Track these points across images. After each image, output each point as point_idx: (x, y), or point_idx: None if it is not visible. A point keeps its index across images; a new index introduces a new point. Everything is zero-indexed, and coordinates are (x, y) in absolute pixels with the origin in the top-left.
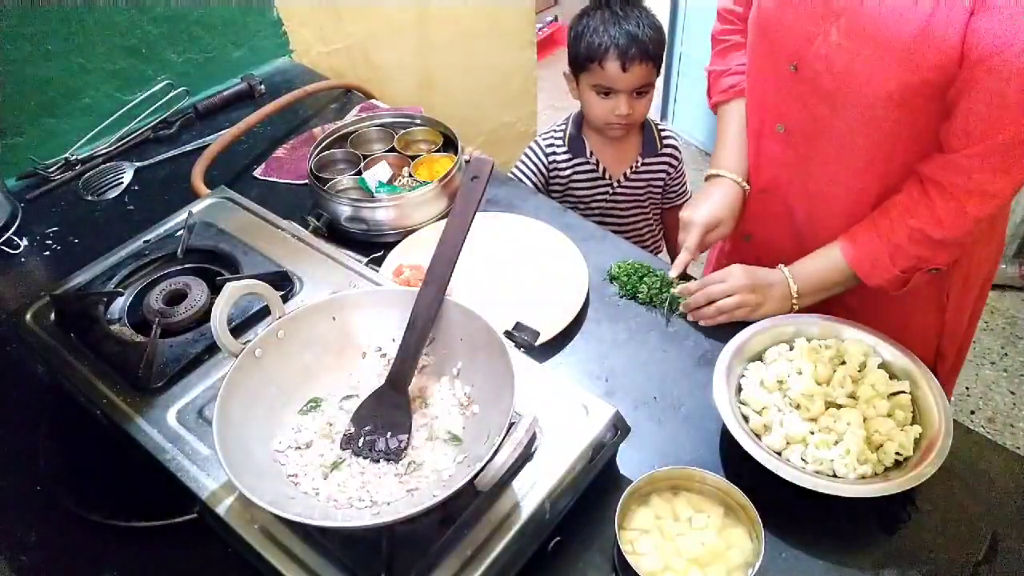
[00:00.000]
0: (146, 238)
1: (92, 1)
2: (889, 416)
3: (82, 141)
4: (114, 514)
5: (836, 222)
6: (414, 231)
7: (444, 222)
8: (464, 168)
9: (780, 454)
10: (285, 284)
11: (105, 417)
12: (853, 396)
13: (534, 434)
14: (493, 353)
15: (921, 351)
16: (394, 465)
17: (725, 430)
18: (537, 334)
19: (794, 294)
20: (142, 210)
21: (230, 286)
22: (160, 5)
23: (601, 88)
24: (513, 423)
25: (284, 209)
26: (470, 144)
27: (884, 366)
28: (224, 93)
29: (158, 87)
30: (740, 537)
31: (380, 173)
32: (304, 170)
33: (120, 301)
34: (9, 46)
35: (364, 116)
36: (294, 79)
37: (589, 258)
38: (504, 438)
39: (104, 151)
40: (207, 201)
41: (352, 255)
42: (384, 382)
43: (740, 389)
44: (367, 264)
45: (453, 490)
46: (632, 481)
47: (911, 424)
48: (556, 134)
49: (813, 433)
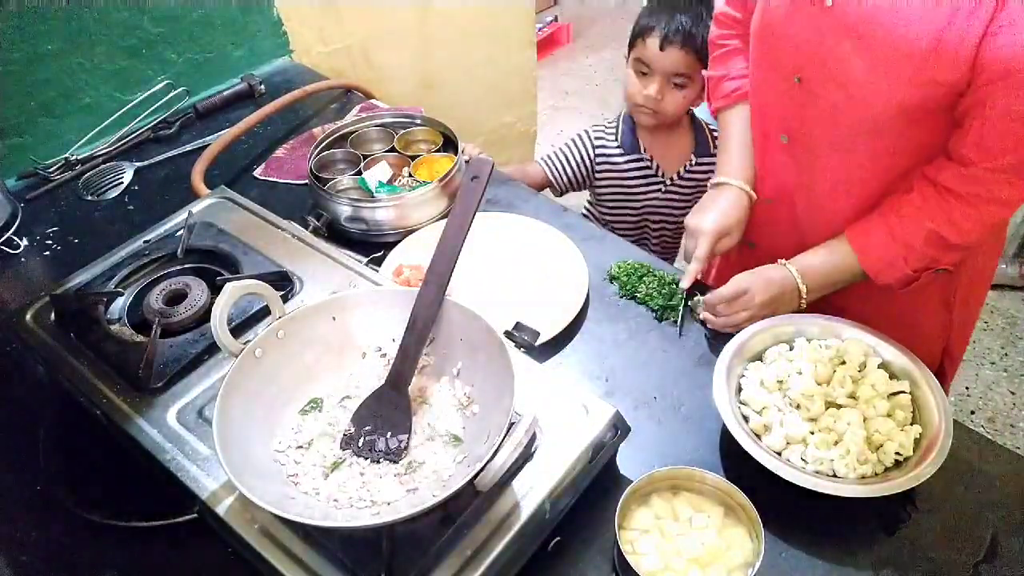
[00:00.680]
0: (146, 238)
1: (92, 1)
2: (889, 416)
3: (82, 141)
4: (114, 514)
5: (837, 231)
6: (414, 231)
7: (444, 222)
8: (464, 168)
9: (780, 454)
10: (285, 284)
11: (105, 417)
12: (853, 396)
13: (534, 434)
14: (493, 353)
15: (929, 349)
16: (394, 465)
17: (725, 430)
18: (537, 334)
19: (803, 295)
20: (142, 210)
21: (230, 286)
22: (160, 5)
23: (640, 66)
24: (513, 423)
25: (284, 209)
26: (470, 144)
27: (884, 366)
28: (224, 93)
29: (158, 87)
30: (740, 537)
31: (380, 173)
32: (304, 170)
33: (120, 301)
34: (9, 46)
35: (364, 116)
36: (294, 79)
37: (589, 258)
38: (504, 438)
39: (104, 151)
40: (207, 201)
41: (352, 255)
42: (384, 382)
43: (740, 389)
44: (367, 264)
45: (453, 490)
46: (632, 481)
47: (911, 424)
48: (608, 129)
49: (813, 433)
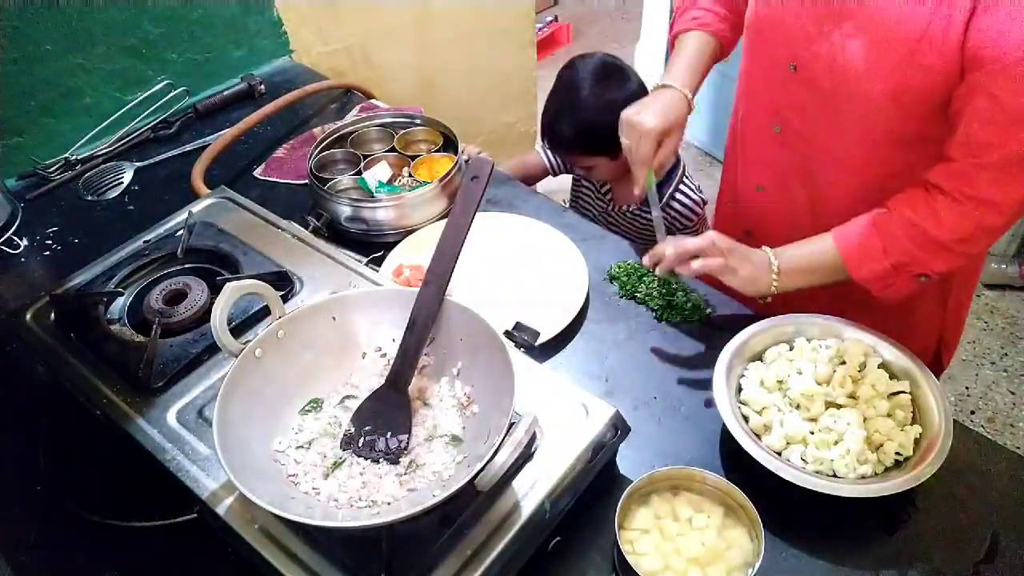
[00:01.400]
0: (146, 238)
1: (92, 1)
2: (889, 416)
3: (82, 141)
4: (114, 514)
5: (837, 221)
6: (414, 231)
7: (444, 222)
8: (464, 168)
9: (780, 454)
10: (285, 284)
11: (105, 417)
12: (853, 396)
13: (534, 434)
14: (493, 353)
15: (925, 339)
16: (394, 465)
17: (725, 430)
18: (537, 334)
19: (774, 269)
20: (142, 210)
21: (230, 286)
22: (160, 5)
23: None
24: (513, 423)
25: (284, 209)
26: (470, 144)
27: (884, 366)
28: (224, 93)
29: (158, 87)
30: (740, 537)
31: (380, 173)
32: (304, 170)
33: (120, 301)
34: (9, 46)
35: (364, 116)
36: (294, 79)
37: (589, 258)
38: (504, 438)
39: (104, 151)
40: (207, 201)
41: (352, 255)
42: (384, 382)
43: (740, 389)
44: (367, 264)
45: (453, 490)
46: (632, 481)
47: (911, 424)
48: None
49: (813, 433)
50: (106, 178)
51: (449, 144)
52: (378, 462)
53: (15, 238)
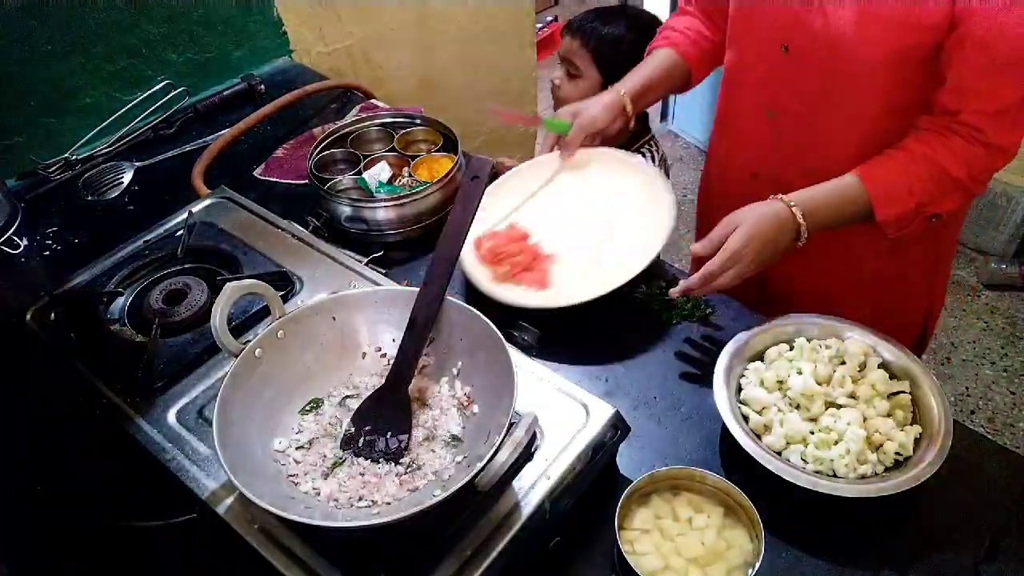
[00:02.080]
0: (146, 238)
1: (92, 1)
2: (889, 416)
3: (82, 141)
4: (114, 514)
5: None
6: (418, 226)
7: (521, 167)
8: (464, 168)
9: (780, 454)
10: (285, 284)
11: (105, 417)
12: (853, 396)
13: (534, 434)
14: (493, 353)
15: (914, 317)
16: (394, 465)
17: (725, 430)
18: (537, 334)
19: (798, 218)
20: (142, 210)
21: (230, 286)
22: (160, 5)
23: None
24: (513, 423)
25: (284, 209)
26: (470, 144)
27: (884, 366)
28: (224, 93)
29: (158, 87)
30: (740, 537)
31: (380, 173)
32: (304, 170)
33: (120, 301)
34: (9, 46)
35: (364, 116)
36: (294, 79)
37: None
38: (504, 438)
39: (104, 151)
40: (207, 201)
41: (352, 255)
42: (384, 382)
43: (740, 389)
44: (367, 264)
45: (453, 490)
46: (632, 481)
47: (911, 424)
48: None
49: (813, 433)
50: (106, 178)
51: (449, 144)
52: (378, 462)
53: (15, 238)
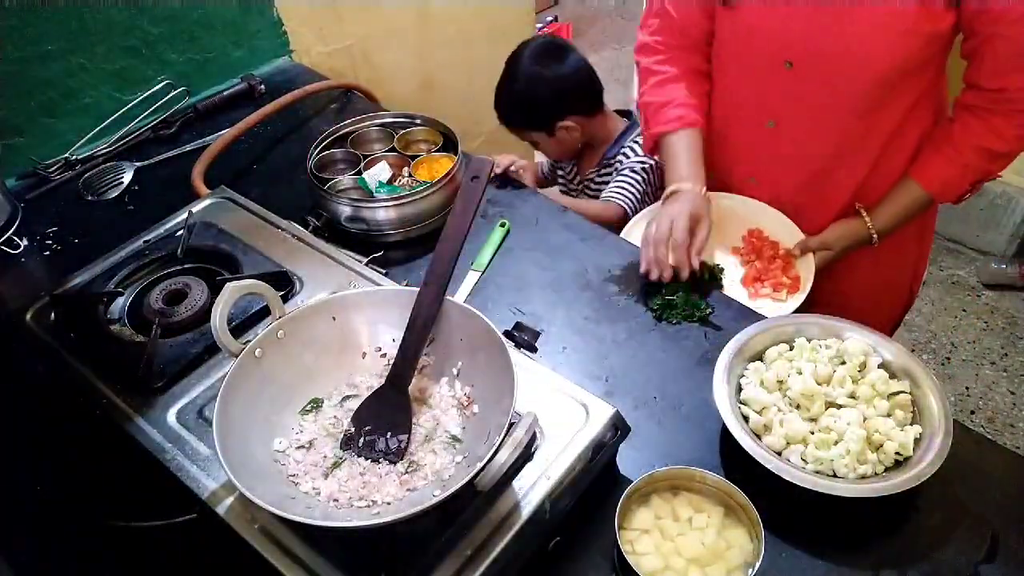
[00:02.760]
0: (146, 238)
1: (92, 1)
2: (889, 416)
3: (82, 141)
4: (114, 514)
5: (828, 205)
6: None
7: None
8: (464, 168)
9: (780, 454)
10: (285, 284)
11: (105, 417)
12: (853, 396)
13: (534, 434)
14: (493, 353)
15: (903, 279)
16: (394, 465)
17: (725, 430)
18: (537, 334)
19: (873, 238)
20: (142, 210)
21: (230, 286)
22: (160, 5)
23: None
24: (513, 423)
25: (284, 209)
26: (470, 144)
27: (884, 366)
28: (224, 93)
29: (158, 87)
30: (740, 537)
31: (380, 173)
32: None
33: (120, 301)
34: (9, 46)
35: (364, 116)
36: (294, 79)
37: (589, 258)
38: (504, 438)
39: (104, 151)
40: (207, 201)
41: (352, 255)
42: (384, 382)
43: (740, 389)
44: (367, 264)
45: (453, 490)
46: (632, 481)
47: (911, 424)
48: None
49: (813, 433)
50: (106, 178)
51: (449, 144)
52: (378, 462)
53: (15, 238)
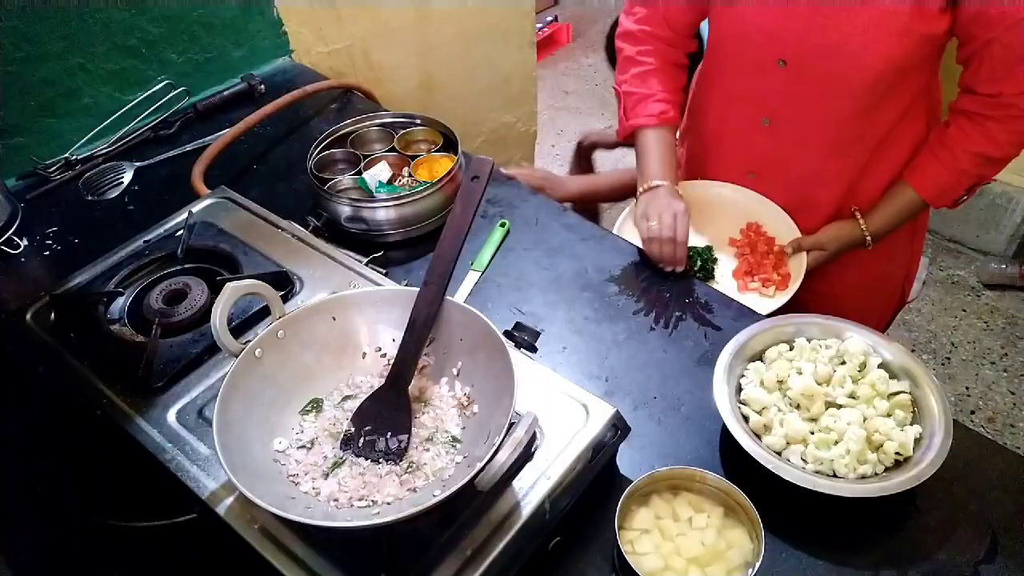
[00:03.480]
0: (146, 238)
1: (92, 1)
2: (889, 416)
3: (82, 141)
4: (114, 514)
5: (819, 204)
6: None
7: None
8: (464, 168)
9: (780, 454)
10: (285, 284)
11: (105, 417)
12: (853, 396)
13: (534, 434)
14: (493, 353)
15: (896, 283)
16: (394, 465)
17: (725, 430)
18: (537, 334)
19: (867, 239)
20: (142, 210)
21: (230, 286)
22: (160, 5)
23: None
24: (513, 423)
25: (284, 209)
26: (470, 144)
27: (884, 366)
28: (224, 93)
29: (158, 87)
30: (740, 537)
31: (380, 173)
32: None
33: (120, 301)
34: (9, 46)
35: (364, 116)
36: (294, 79)
37: (588, 258)
38: (504, 438)
39: (104, 151)
40: (207, 201)
41: (352, 255)
42: (384, 382)
43: (740, 389)
44: (367, 264)
45: (453, 490)
46: (632, 481)
47: (911, 424)
48: None
49: (813, 433)
50: (106, 178)
51: (449, 144)
52: (378, 462)
53: (15, 238)
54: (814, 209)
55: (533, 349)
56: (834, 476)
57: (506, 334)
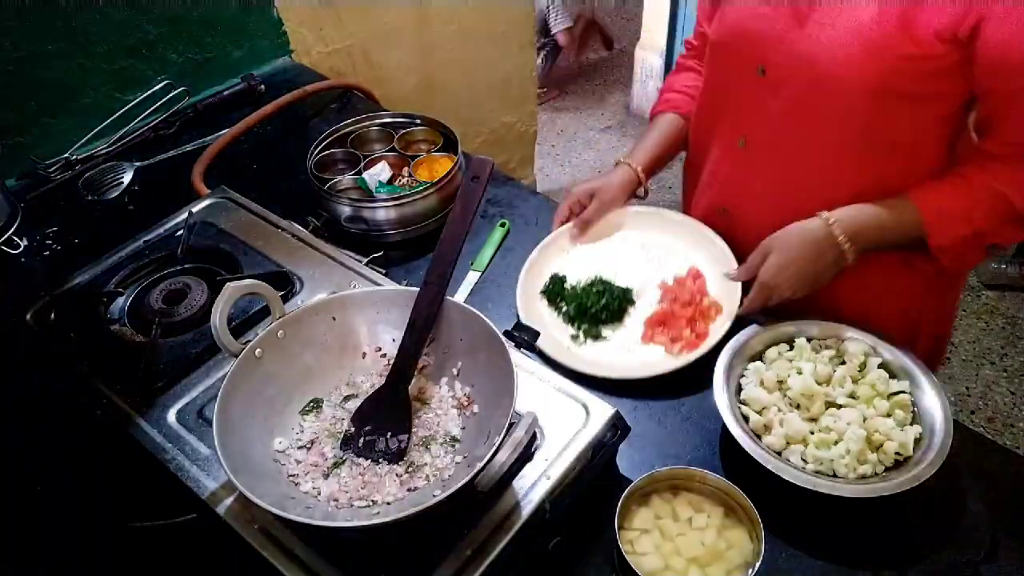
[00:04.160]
0: (146, 238)
1: (92, 1)
2: (889, 416)
3: (82, 141)
4: (114, 514)
5: None
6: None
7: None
8: (464, 168)
9: (780, 454)
10: (285, 284)
11: (105, 417)
12: (853, 396)
13: (534, 434)
14: (493, 353)
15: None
16: (394, 465)
17: (725, 430)
18: (537, 334)
19: (839, 240)
20: (142, 210)
21: (230, 286)
22: (160, 5)
23: None
24: (513, 423)
25: (284, 209)
26: (470, 144)
27: (884, 366)
28: (224, 93)
29: (158, 87)
30: (740, 537)
31: (380, 173)
32: None
33: (120, 301)
34: (9, 46)
35: (364, 116)
36: (294, 79)
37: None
38: (504, 438)
39: (104, 151)
40: (207, 201)
41: (352, 255)
42: (384, 382)
43: (740, 389)
44: (367, 264)
45: (453, 490)
46: (632, 481)
47: (911, 424)
48: None
49: (813, 433)
50: (106, 178)
51: (449, 144)
52: (378, 462)
53: (15, 238)
54: None
55: (533, 349)
56: (834, 476)
57: (506, 334)
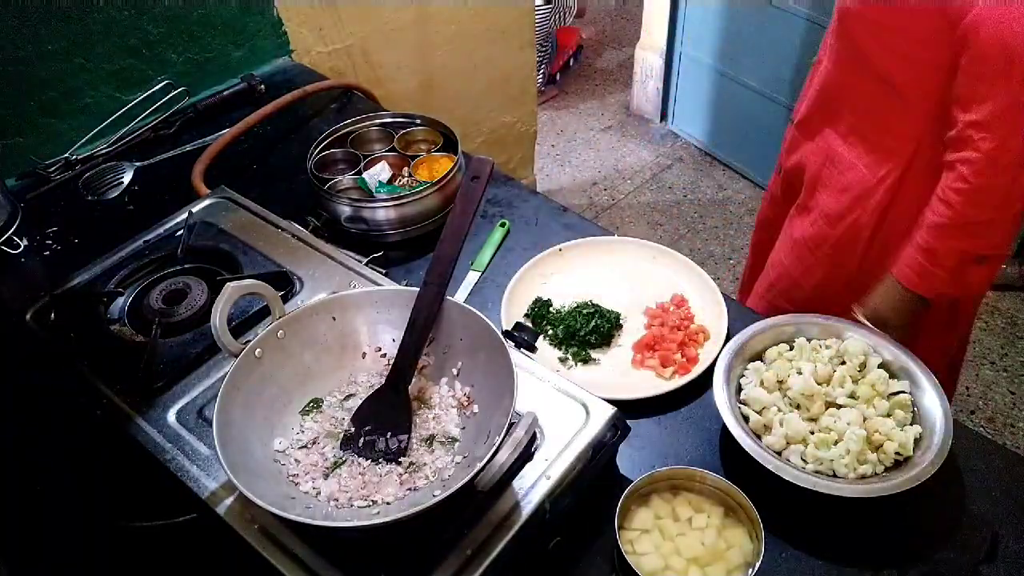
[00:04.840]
0: (146, 238)
1: (92, 1)
2: (889, 416)
3: (82, 141)
4: (114, 514)
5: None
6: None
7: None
8: (464, 168)
9: (780, 454)
10: (285, 284)
11: (105, 417)
12: (853, 396)
13: (534, 434)
14: (493, 353)
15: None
16: (394, 465)
17: (725, 430)
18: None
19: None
20: (142, 210)
21: (230, 286)
22: (160, 5)
23: None
24: (513, 423)
25: (284, 209)
26: (470, 144)
27: (884, 366)
28: (224, 93)
29: (158, 87)
30: (740, 537)
31: (380, 173)
32: None
33: (120, 301)
34: (9, 46)
35: (364, 116)
36: (294, 79)
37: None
38: (504, 438)
39: (104, 151)
40: (207, 201)
41: (352, 255)
42: (384, 382)
43: (740, 389)
44: (367, 264)
45: (453, 490)
46: (632, 481)
47: (911, 424)
48: None
49: (813, 433)
50: (106, 178)
51: (449, 144)
52: (378, 462)
53: (15, 238)
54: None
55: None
56: (834, 476)
57: (506, 334)
